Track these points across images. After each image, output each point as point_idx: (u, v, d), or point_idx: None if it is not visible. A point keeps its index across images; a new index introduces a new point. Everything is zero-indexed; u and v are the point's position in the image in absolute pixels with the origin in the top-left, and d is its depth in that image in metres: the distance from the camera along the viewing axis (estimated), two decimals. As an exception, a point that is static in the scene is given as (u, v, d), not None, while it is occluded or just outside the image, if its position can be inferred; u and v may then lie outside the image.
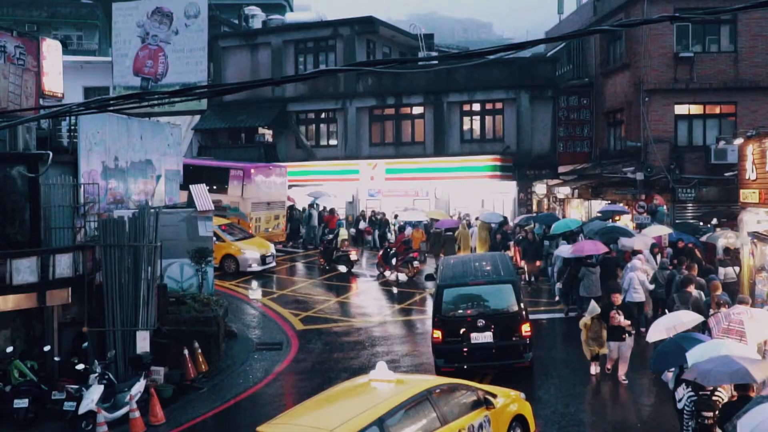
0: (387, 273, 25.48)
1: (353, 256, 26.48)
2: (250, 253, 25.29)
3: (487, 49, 7.77)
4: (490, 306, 14.94)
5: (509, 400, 11.22)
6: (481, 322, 14.50)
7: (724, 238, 18.58)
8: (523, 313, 14.80)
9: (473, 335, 14.46)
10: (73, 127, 17.73)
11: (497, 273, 15.60)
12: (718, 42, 27.48)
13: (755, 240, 15.50)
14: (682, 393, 10.13)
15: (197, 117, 37.47)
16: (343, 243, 26.79)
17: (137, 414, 13.43)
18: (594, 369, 14.70)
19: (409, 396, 9.81)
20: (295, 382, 16.13)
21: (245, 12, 42.03)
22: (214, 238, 23.97)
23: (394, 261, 25.15)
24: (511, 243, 24.50)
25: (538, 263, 23.41)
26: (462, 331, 14.54)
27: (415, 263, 25.32)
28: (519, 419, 11.18)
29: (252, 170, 29.34)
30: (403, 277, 25.17)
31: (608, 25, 7.73)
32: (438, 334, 14.80)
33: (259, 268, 25.43)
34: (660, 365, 11.20)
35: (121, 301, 15.63)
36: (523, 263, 23.24)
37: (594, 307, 14.54)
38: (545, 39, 6.76)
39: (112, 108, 13.71)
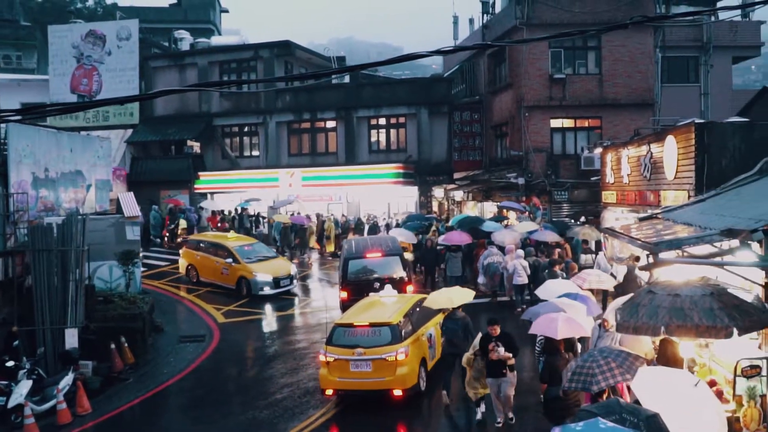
0: None
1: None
2: (262, 276, 21.92)
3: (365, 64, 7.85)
4: (383, 272, 17.46)
5: None
6: (377, 284, 16.81)
7: (581, 234, 19.48)
8: (406, 278, 17.62)
9: (372, 294, 15.93)
10: (2, 141, 16.96)
11: (388, 248, 18.11)
12: (586, 66, 28.54)
13: (606, 235, 16.22)
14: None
15: (130, 131, 36.37)
16: (183, 231, 30.27)
17: (64, 405, 12.93)
18: (480, 414, 11.48)
19: (414, 302, 13.63)
20: (216, 370, 15.87)
21: (174, 35, 41.21)
22: (231, 260, 22.40)
23: None
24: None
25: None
26: (363, 291, 16.31)
27: None
28: None
29: None
30: None
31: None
32: (345, 294, 17.19)
33: (272, 292, 21.81)
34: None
35: (50, 301, 15.10)
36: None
37: (478, 342, 11.36)
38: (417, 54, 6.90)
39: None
